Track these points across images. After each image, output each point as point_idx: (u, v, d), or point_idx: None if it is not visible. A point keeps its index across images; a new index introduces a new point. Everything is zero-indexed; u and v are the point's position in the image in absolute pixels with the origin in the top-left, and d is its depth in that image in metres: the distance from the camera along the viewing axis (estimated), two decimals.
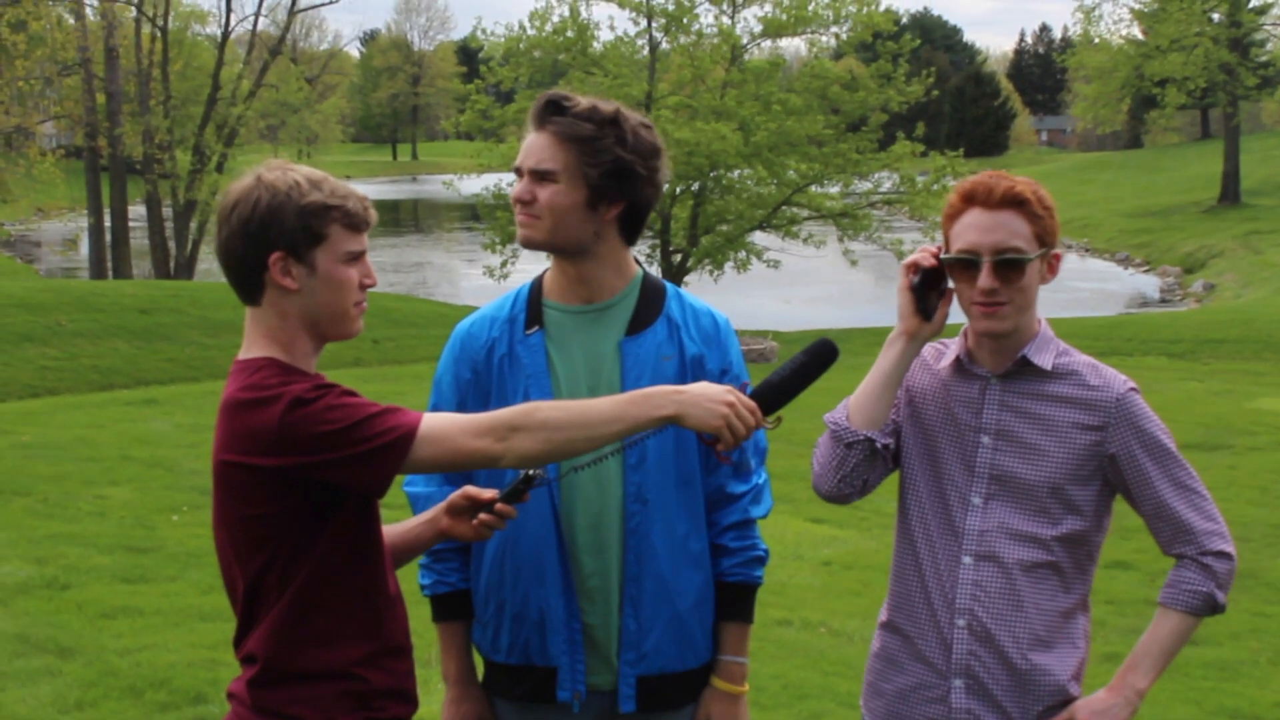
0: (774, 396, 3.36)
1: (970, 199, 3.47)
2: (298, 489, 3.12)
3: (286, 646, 3.20)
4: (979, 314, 3.47)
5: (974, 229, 3.43)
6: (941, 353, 3.67)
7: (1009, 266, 3.42)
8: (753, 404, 3.26)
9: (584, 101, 3.59)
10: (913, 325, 3.53)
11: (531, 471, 3.33)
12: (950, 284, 3.55)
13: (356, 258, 3.24)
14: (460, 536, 3.49)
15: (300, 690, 3.21)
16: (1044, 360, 3.54)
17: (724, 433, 3.20)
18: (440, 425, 3.15)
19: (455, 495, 3.49)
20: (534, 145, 3.59)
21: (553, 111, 3.57)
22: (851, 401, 3.60)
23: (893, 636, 3.71)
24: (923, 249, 3.56)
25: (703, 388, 3.23)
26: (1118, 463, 3.52)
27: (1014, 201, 3.43)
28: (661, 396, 3.21)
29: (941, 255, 3.51)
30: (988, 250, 3.41)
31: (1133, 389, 3.56)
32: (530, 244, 3.63)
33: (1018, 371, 3.55)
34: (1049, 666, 3.55)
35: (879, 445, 3.57)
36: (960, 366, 3.61)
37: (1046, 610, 3.55)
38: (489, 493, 3.43)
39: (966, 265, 3.45)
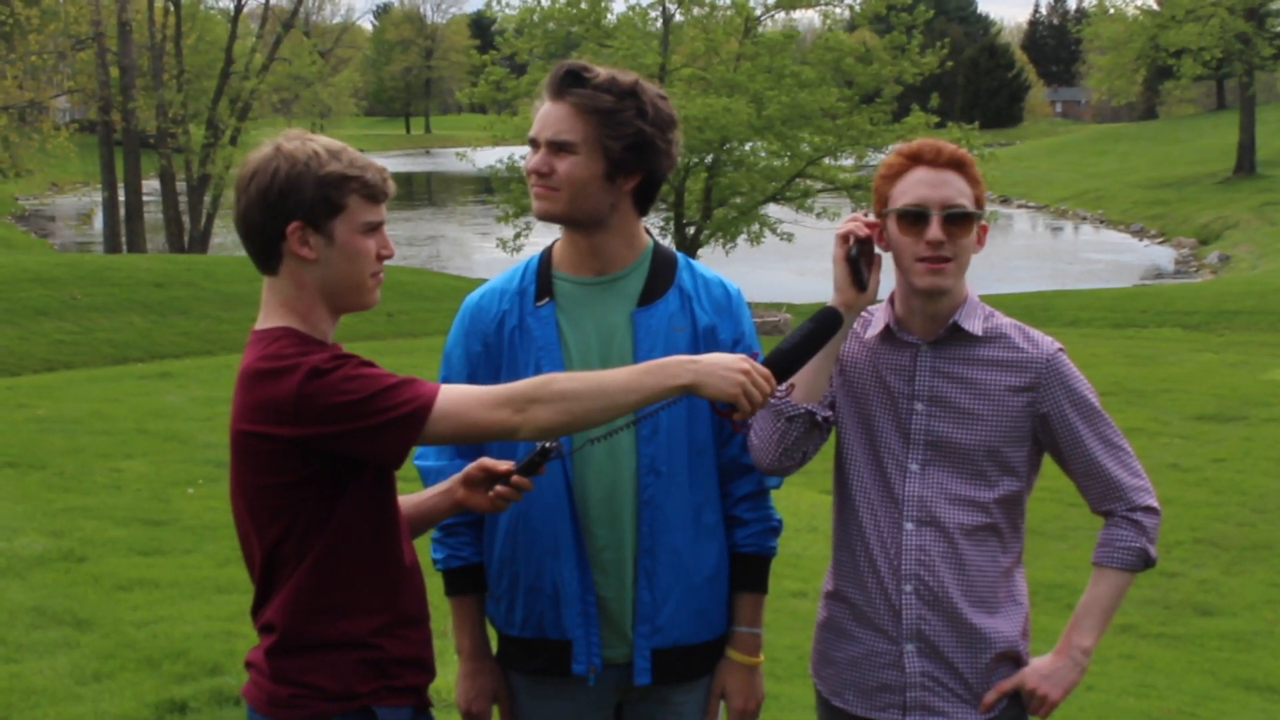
0: (785, 364, 3.39)
1: (916, 158, 3.54)
2: (315, 459, 3.13)
3: (304, 616, 3.22)
4: (923, 270, 3.50)
5: (923, 184, 3.50)
6: (868, 321, 3.70)
7: (957, 221, 3.49)
8: (767, 371, 3.28)
9: (603, 72, 3.55)
10: (850, 296, 3.54)
11: (548, 444, 3.34)
12: (880, 251, 3.59)
13: (374, 228, 3.24)
14: (476, 508, 3.50)
15: (318, 659, 3.23)
16: (974, 325, 3.58)
17: (740, 401, 3.22)
18: (457, 397, 3.16)
19: (471, 467, 3.49)
20: (551, 116, 3.55)
21: (572, 82, 3.53)
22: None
23: (840, 605, 3.75)
24: (853, 218, 3.58)
25: (717, 357, 3.25)
26: (1049, 422, 3.58)
27: (958, 163, 3.53)
28: (677, 366, 3.23)
29: (886, 209, 3.54)
30: (937, 204, 3.48)
31: (1060, 349, 3.61)
32: (547, 216, 3.61)
33: (948, 337, 3.59)
34: (997, 626, 3.61)
35: (819, 418, 3.61)
36: (890, 334, 3.64)
37: (989, 572, 3.60)
38: (505, 464, 3.44)
39: (915, 219, 3.49)
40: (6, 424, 14.56)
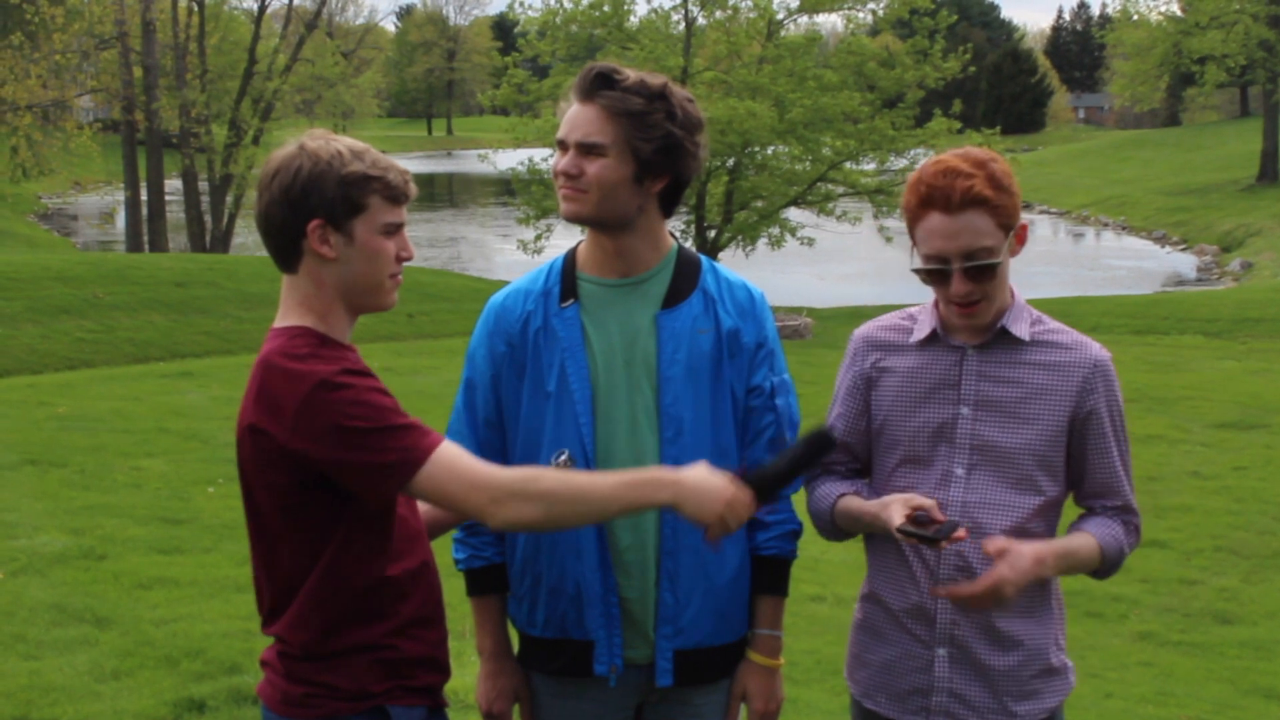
0: (771, 486, 3.33)
1: (928, 203, 3.43)
2: (313, 467, 3.13)
3: (315, 629, 3.23)
4: (957, 313, 3.49)
5: (938, 236, 3.41)
6: (911, 328, 3.66)
7: (979, 271, 3.42)
8: (749, 499, 3.24)
9: (632, 74, 3.55)
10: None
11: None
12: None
13: (394, 230, 3.25)
14: (482, 523, 3.48)
15: (331, 661, 3.24)
16: (1021, 330, 3.55)
17: (714, 528, 3.21)
18: (446, 464, 3.12)
19: None
20: (581, 118, 3.55)
21: (602, 84, 3.53)
22: (839, 519, 3.71)
23: (875, 608, 3.73)
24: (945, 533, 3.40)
25: (704, 478, 3.21)
26: (1087, 424, 3.54)
27: (974, 202, 3.38)
28: (661, 484, 3.20)
29: (911, 267, 3.52)
30: (956, 256, 3.41)
31: (1108, 355, 3.58)
32: (575, 218, 3.61)
33: (995, 341, 3.55)
34: (1031, 632, 3.59)
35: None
36: (935, 339, 3.61)
37: None
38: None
39: (937, 274, 3.45)
40: (28, 422, 14.61)
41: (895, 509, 3.44)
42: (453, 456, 3.14)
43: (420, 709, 3.33)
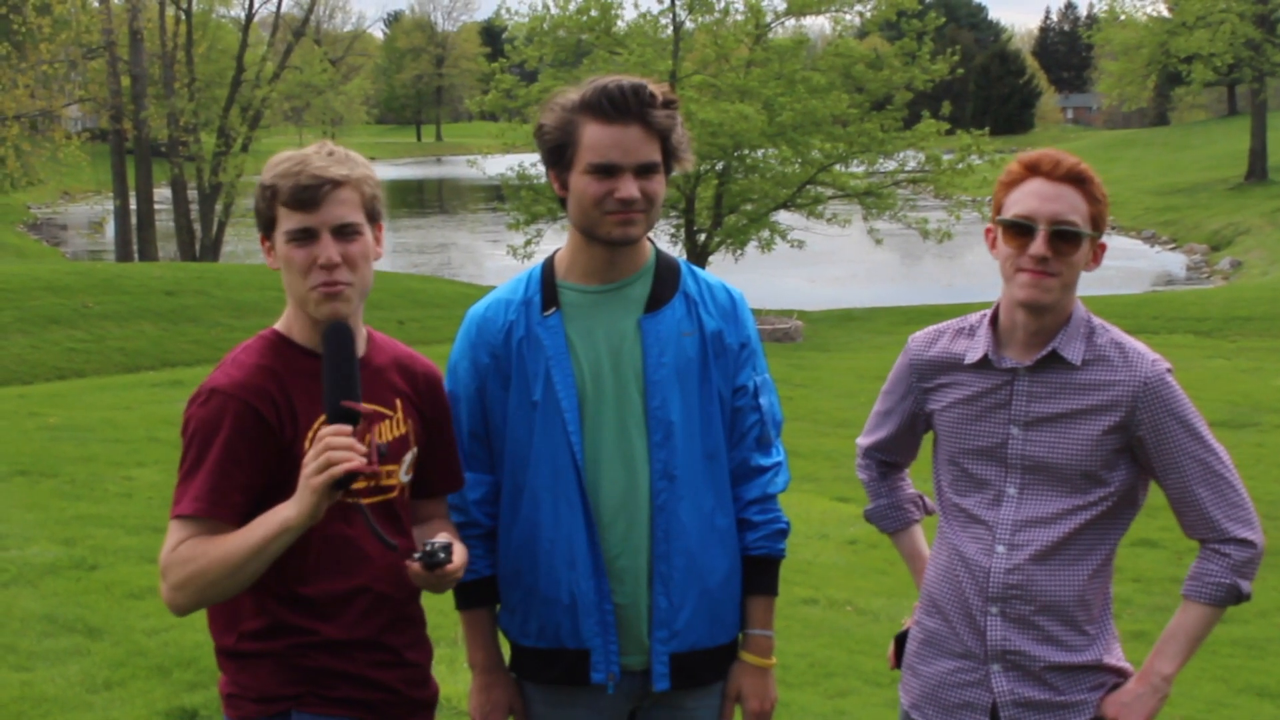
0: (334, 399, 3.14)
1: (1034, 169, 3.47)
2: None
3: (228, 634, 3.31)
4: (1025, 280, 3.44)
5: (1034, 196, 3.44)
6: (968, 346, 3.64)
7: (1063, 238, 3.42)
8: (335, 429, 3.07)
9: (651, 86, 3.53)
10: None
11: (429, 546, 3.22)
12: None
13: (302, 237, 3.19)
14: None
15: (244, 662, 3.30)
16: (1073, 353, 3.51)
17: (334, 473, 3.03)
18: (177, 533, 3.23)
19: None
20: (630, 140, 3.51)
21: (648, 103, 3.50)
22: (894, 539, 4.08)
23: (929, 622, 3.74)
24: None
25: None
26: (1145, 446, 3.51)
27: (1077, 178, 3.45)
28: (272, 512, 3.14)
29: (997, 219, 3.51)
30: (1045, 219, 3.41)
31: (1164, 370, 3.52)
32: (632, 240, 3.59)
33: (1045, 363, 3.53)
34: (1086, 636, 3.59)
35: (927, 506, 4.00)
36: (986, 363, 3.59)
37: (1078, 586, 3.56)
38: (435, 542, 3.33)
39: (1021, 231, 3.43)
40: (18, 432, 14.58)
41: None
42: (181, 529, 3.22)
43: (335, 719, 3.32)
